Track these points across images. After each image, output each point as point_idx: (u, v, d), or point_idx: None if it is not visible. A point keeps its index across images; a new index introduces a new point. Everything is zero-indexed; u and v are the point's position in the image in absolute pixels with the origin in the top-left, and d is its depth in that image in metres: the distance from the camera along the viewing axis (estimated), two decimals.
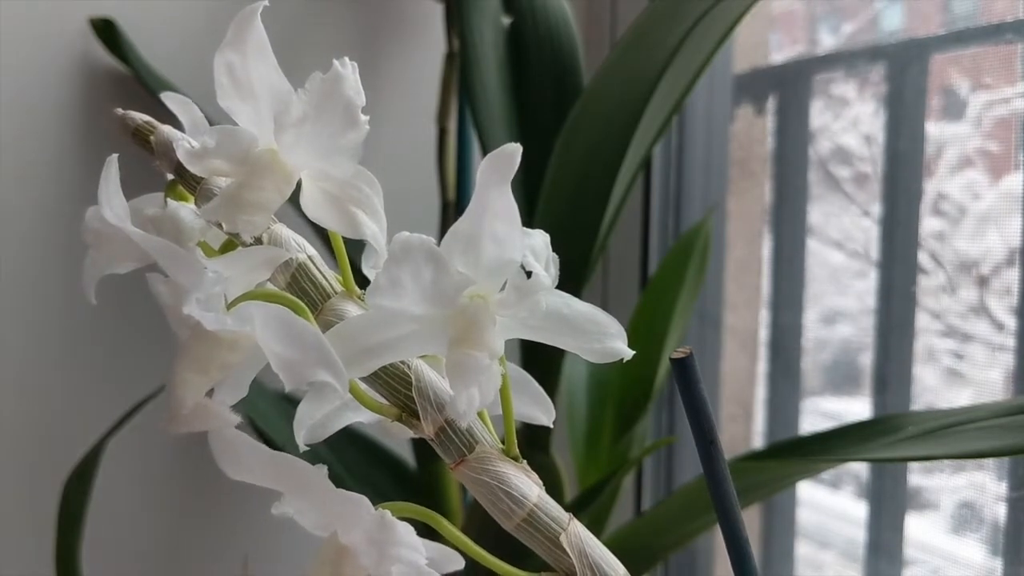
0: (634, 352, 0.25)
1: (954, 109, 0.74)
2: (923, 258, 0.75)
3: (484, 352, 0.23)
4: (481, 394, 0.23)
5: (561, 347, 0.25)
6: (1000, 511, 0.68)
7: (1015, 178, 0.68)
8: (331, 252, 0.27)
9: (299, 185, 0.25)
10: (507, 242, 0.23)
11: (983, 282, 0.70)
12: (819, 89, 0.85)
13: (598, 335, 0.25)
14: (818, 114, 0.85)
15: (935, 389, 0.74)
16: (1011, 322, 0.68)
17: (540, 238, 0.24)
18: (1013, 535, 0.67)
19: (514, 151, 0.23)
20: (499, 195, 0.23)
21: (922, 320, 0.75)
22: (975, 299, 0.70)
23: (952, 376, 0.73)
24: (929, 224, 0.75)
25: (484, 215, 0.23)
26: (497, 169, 0.23)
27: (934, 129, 0.75)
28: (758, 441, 0.90)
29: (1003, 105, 0.70)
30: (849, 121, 0.83)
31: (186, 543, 0.87)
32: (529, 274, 0.23)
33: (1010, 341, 0.67)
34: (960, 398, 0.72)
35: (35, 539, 0.75)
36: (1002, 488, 0.69)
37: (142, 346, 0.81)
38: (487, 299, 0.23)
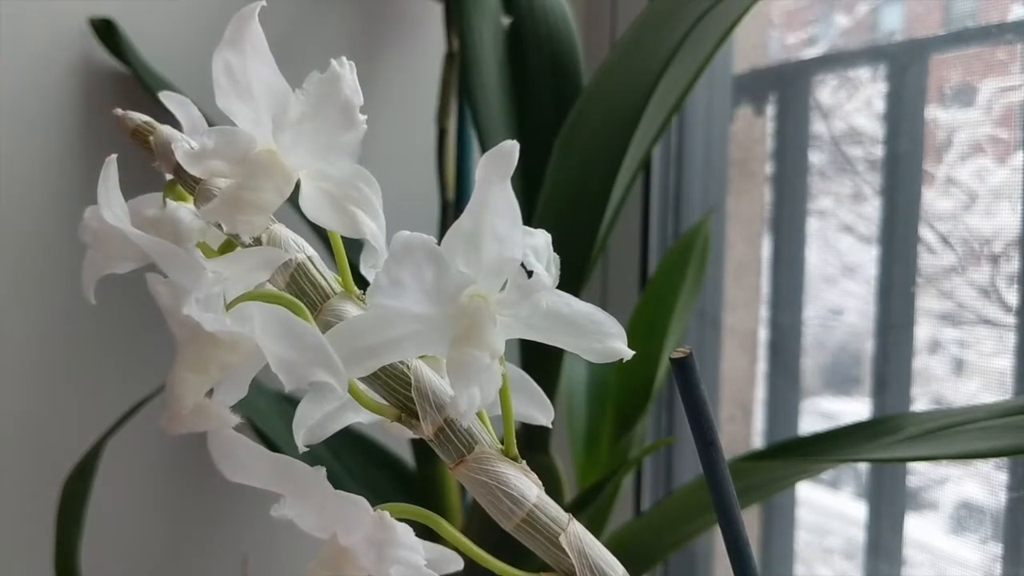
0: (634, 352, 0.25)
1: (954, 109, 0.74)
2: (923, 261, 0.75)
3: (485, 352, 0.23)
4: (482, 393, 0.23)
5: (561, 347, 0.25)
6: (1000, 511, 0.68)
7: (1015, 178, 0.68)
8: (330, 252, 0.27)
9: (298, 185, 0.25)
10: (508, 240, 0.23)
11: (991, 282, 0.70)
12: (818, 90, 0.85)
13: (598, 335, 0.25)
14: (817, 114, 0.85)
15: (941, 378, 0.74)
16: (1009, 319, 0.68)
17: (542, 238, 0.24)
18: (1012, 535, 0.67)
19: (512, 148, 0.23)
20: (499, 192, 0.23)
21: (922, 330, 0.75)
22: (975, 306, 0.70)
23: (957, 368, 0.73)
24: (930, 225, 0.75)
25: (484, 212, 0.23)
26: (496, 166, 0.23)
27: (934, 129, 0.75)
28: (758, 441, 0.90)
29: (1005, 101, 0.70)
30: (848, 122, 0.83)
31: (186, 543, 0.87)
32: (530, 274, 0.23)
33: (1011, 337, 0.68)
34: (967, 387, 0.72)
35: (35, 539, 0.75)
36: (1001, 488, 0.69)
37: (142, 346, 0.81)
38: (488, 299, 0.23)
